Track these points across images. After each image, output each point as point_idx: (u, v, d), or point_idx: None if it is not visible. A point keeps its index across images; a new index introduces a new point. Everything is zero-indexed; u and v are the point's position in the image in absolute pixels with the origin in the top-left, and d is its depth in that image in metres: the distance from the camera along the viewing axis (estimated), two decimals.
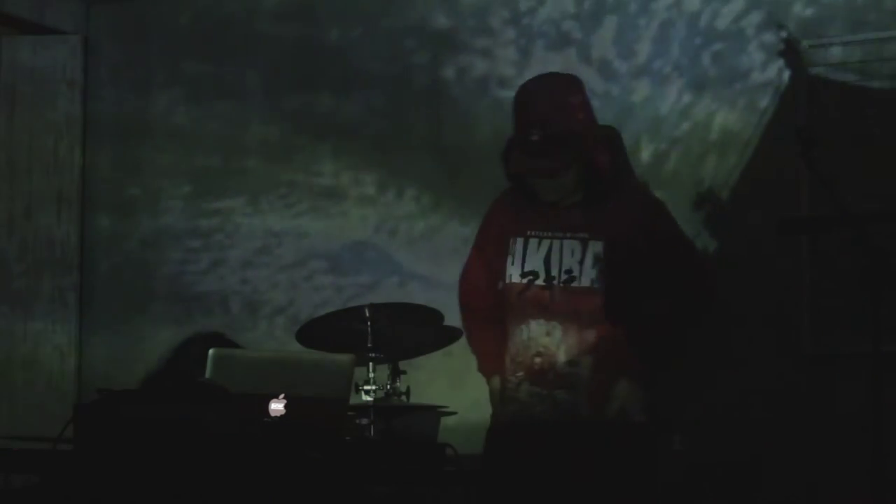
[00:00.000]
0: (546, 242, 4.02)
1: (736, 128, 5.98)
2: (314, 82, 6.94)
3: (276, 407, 3.84)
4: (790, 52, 5.81)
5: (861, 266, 4.03)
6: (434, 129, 6.71)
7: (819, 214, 5.25)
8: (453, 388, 6.05)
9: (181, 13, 7.09)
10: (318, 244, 6.93)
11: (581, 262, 3.98)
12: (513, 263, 4.02)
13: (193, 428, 3.40)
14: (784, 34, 5.79)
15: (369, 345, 5.29)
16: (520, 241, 4.04)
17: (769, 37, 5.93)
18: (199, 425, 3.42)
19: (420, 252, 6.71)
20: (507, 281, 4.04)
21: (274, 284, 6.96)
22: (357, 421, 5.19)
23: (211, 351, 3.84)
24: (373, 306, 5.30)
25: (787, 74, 5.86)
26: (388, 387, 5.32)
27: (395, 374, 5.45)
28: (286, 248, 6.96)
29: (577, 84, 4.06)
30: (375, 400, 5.20)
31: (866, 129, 5.57)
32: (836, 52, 5.69)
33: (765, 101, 5.91)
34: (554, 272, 3.98)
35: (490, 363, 4.14)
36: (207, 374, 3.78)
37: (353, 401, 4.65)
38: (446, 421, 5.61)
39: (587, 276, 3.98)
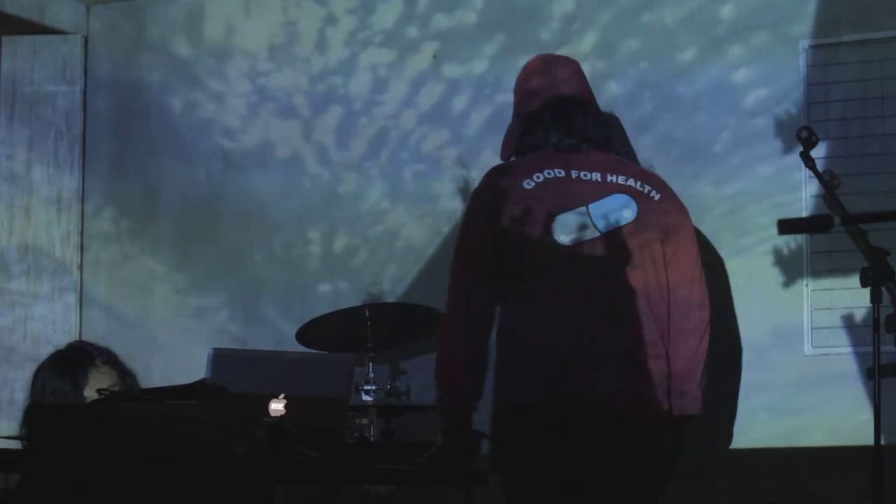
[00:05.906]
0: None
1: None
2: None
3: (276, 407, 3.84)
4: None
5: (861, 266, 4.04)
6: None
7: (818, 215, 5.25)
8: None
9: None
10: None
11: None
12: None
13: (193, 428, 3.39)
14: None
15: (369, 345, 5.30)
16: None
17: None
18: (198, 425, 3.41)
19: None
20: None
21: None
22: (357, 421, 5.20)
23: (211, 351, 3.84)
24: (373, 306, 5.31)
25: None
26: (388, 387, 5.33)
27: (395, 374, 5.46)
28: None
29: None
30: (375, 400, 5.21)
31: (867, 128, 5.56)
32: (836, 52, 5.68)
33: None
34: None
35: None
36: (207, 374, 3.78)
37: (353, 401, 4.65)
38: None
39: None
